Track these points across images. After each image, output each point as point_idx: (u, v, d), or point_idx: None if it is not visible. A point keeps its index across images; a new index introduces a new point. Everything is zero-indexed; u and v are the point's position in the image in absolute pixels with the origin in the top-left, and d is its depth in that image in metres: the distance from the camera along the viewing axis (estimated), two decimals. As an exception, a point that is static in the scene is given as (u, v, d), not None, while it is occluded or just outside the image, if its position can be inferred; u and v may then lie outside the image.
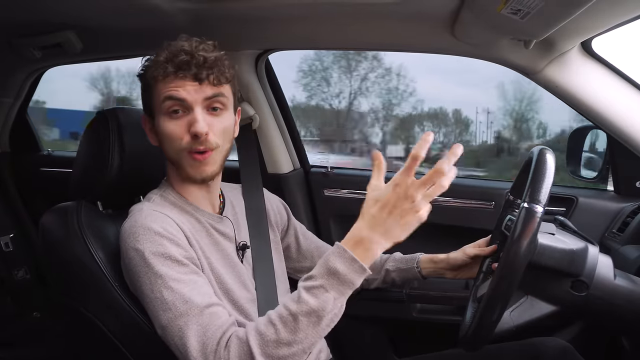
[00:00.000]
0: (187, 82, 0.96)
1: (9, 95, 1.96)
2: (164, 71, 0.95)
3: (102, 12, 1.26)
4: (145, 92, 1.02)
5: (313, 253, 1.31)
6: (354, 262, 0.83)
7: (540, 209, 0.84)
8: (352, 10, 1.21)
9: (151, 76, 0.98)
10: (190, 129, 0.96)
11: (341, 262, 0.84)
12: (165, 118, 0.97)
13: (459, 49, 1.30)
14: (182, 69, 0.95)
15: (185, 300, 0.88)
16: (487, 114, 9.62)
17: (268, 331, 0.83)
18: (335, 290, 0.83)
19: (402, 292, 1.50)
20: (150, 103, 1.01)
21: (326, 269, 0.84)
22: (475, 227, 1.62)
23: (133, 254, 0.92)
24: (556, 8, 0.92)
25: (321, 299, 0.83)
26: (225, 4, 1.21)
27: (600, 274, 0.94)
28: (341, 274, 0.83)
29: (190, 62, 0.95)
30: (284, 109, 1.79)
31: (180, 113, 0.97)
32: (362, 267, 0.84)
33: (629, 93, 1.23)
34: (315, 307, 0.82)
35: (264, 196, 1.24)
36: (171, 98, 0.95)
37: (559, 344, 1.13)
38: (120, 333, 1.01)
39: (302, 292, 0.84)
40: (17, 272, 2.02)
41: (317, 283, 0.84)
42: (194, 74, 0.95)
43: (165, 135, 0.98)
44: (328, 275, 0.84)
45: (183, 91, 0.95)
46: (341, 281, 0.83)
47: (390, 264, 1.30)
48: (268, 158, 1.74)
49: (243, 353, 0.83)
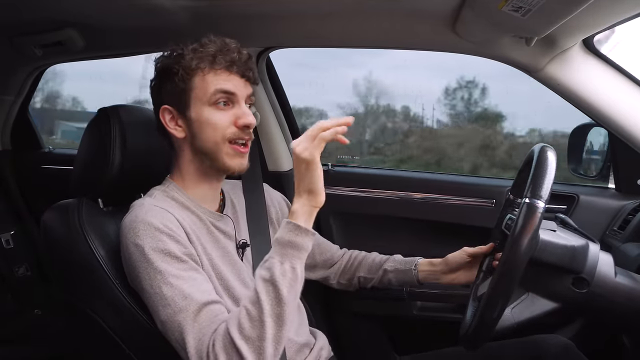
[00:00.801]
0: (235, 77, 1.02)
1: (10, 93, 1.96)
2: (217, 64, 1.00)
3: (103, 10, 1.26)
4: (175, 83, 1.01)
5: (314, 249, 1.31)
6: (288, 224, 0.89)
7: (542, 204, 0.84)
8: (354, 8, 1.21)
9: (196, 66, 1.00)
10: (239, 120, 1.01)
11: (280, 231, 0.90)
12: (212, 108, 1.01)
13: (460, 46, 1.30)
14: (235, 64, 1.01)
15: (184, 297, 0.88)
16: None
17: (241, 315, 0.86)
18: (278, 255, 0.88)
19: (403, 290, 1.51)
20: (186, 92, 1.01)
21: (276, 242, 0.90)
22: (476, 225, 1.62)
23: (133, 249, 0.92)
24: (557, 5, 0.92)
25: (266, 266, 0.87)
26: (226, 2, 1.21)
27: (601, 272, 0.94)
28: (279, 239, 0.89)
29: (239, 59, 1.02)
30: (284, 106, 1.79)
31: (225, 106, 1.02)
32: (295, 225, 0.88)
33: (630, 90, 1.23)
34: (265, 276, 0.86)
35: (264, 193, 1.24)
36: (223, 90, 1.00)
37: (560, 341, 1.13)
38: (121, 330, 1.01)
39: (259, 269, 0.89)
40: (18, 269, 2.02)
41: (269, 256, 0.89)
42: (242, 71, 1.02)
43: (209, 124, 1.01)
44: (273, 248, 0.90)
45: (233, 85, 1.01)
46: (281, 245, 0.88)
47: (389, 265, 1.30)
48: (269, 155, 1.74)
49: (227, 342, 0.84)
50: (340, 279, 1.34)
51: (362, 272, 1.31)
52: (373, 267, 1.31)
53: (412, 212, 1.67)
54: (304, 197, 0.90)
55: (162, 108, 1.03)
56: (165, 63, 1.02)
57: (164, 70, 1.03)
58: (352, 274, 1.32)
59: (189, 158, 1.05)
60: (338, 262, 1.34)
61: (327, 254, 1.34)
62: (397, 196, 1.70)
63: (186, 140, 1.04)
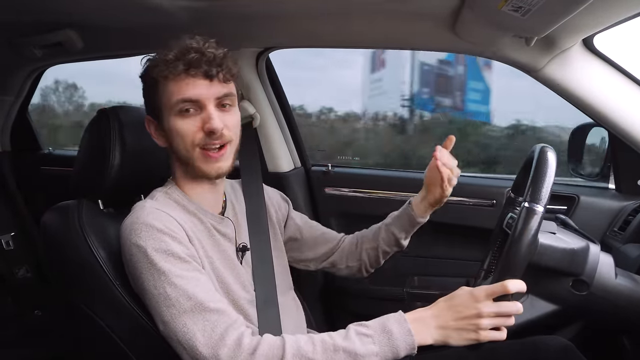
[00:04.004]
0: (198, 80, 0.95)
1: (10, 94, 1.96)
2: (174, 69, 0.94)
3: (102, 10, 1.26)
4: (150, 92, 1.01)
5: (317, 240, 1.29)
6: (409, 334, 0.87)
7: (541, 208, 0.84)
8: (354, 8, 1.21)
9: (160, 75, 0.96)
10: (205, 126, 0.96)
11: (398, 327, 0.88)
12: (177, 117, 0.97)
13: (460, 46, 1.29)
14: (194, 66, 0.94)
15: (189, 297, 0.88)
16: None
17: (306, 346, 0.85)
18: (380, 347, 0.86)
19: (403, 291, 1.50)
20: (156, 102, 0.99)
21: (382, 326, 0.88)
22: (476, 226, 1.62)
23: (135, 250, 0.92)
24: (557, 5, 0.91)
25: (366, 347, 0.86)
26: (225, 2, 1.20)
27: (602, 273, 0.94)
28: (393, 337, 0.87)
29: (200, 59, 0.95)
30: (284, 107, 1.79)
31: (192, 111, 0.97)
32: (413, 343, 0.87)
33: (631, 90, 1.23)
34: (358, 351, 0.85)
35: (264, 195, 1.24)
36: (184, 99, 0.95)
37: (560, 343, 1.13)
38: (122, 331, 1.01)
39: (352, 332, 0.88)
40: (18, 271, 2.02)
41: (369, 332, 0.87)
42: (205, 71, 0.95)
43: (177, 133, 0.98)
44: (381, 332, 0.87)
45: (195, 90, 0.95)
46: (390, 343, 0.87)
47: (386, 221, 1.26)
48: (269, 157, 1.74)
49: (273, 356, 0.84)
50: (349, 261, 1.30)
51: (367, 245, 1.27)
52: (374, 234, 1.27)
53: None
54: (435, 327, 0.89)
55: (146, 117, 1.04)
56: (141, 72, 1.02)
57: (142, 79, 1.02)
58: (359, 252, 1.29)
59: (177, 165, 1.05)
60: (341, 246, 1.31)
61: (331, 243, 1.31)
62: (397, 196, 1.70)
63: (168, 149, 1.03)
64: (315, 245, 1.29)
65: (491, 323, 0.87)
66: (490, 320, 0.87)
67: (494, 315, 0.87)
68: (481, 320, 0.87)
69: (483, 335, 0.87)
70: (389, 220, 1.27)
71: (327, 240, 1.31)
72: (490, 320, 0.87)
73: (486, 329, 0.87)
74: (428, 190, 1.18)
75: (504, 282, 0.86)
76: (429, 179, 1.17)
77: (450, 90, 5.39)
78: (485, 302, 0.87)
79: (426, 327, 0.89)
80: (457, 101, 5.52)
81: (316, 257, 1.30)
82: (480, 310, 0.87)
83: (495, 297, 0.87)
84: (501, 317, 0.87)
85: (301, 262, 1.30)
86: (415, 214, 1.21)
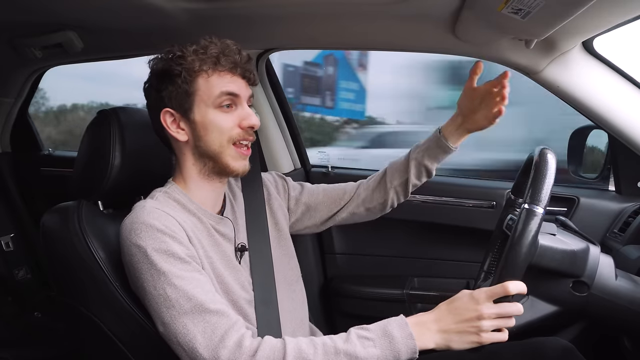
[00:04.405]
0: (238, 79, 1.02)
1: (10, 95, 1.96)
2: (217, 65, 1.00)
3: (103, 12, 1.26)
4: (178, 85, 1.00)
5: (321, 199, 1.28)
6: (410, 338, 0.87)
7: (541, 210, 0.84)
8: (354, 10, 1.21)
9: (199, 68, 0.99)
10: (244, 122, 1.02)
11: (399, 331, 0.88)
12: (217, 110, 1.01)
13: (460, 48, 1.30)
14: (237, 65, 1.01)
15: (189, 298, 0.88)
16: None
17: (308, 349, 0.86)
18: (381, 350, 0.87)
19: (403, 292, 1.50)
20: (188, 95, 1.00)
21: (383, 330, 0.89)
22: (476, 227, 1.62)
23: (135, 250, 0.92)
24: (557, 7, 0.91)
25: (367, 351, 0.86)
26: (226, 4, 1.21)
27: (602, 275, 0.94)
28: (394, 340, 0.87)
29: (241, 60, 1.02)
30: (284, 108, 1.79)
31: (230, 107, 1.02)
32: (414, 347, 0.87)
33: (630, 93, 1.23)
34: (359, 354, 0.86)
35: (264, 195, 1.23)
36: (228, 92, 1.00)
37: (561, 344, 1.13)
38: (121, 332, 1.01)
39: (353, 335, 0.88)
40: (18, 272, 2.02)
41: (370, 336, 0.88)
42: (243, 72, 1.02)
43: (215, 127, 1.00)
44: (382, 335, 0.88)
45: (236, 87, 1.01)
46: (391, 346, 0.87)
47: (416, 152, 1.24)
48: (269, 158, 1.74)
49: (274, 358, 0.85)
50: (368, 204, 1.28)
51: (396, 180, 1.25)
52: (400, 171, 1.25)
53: (411, 214, 1.67)
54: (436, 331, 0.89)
55: (163, 111, 1.02)
56: (165, 65, 1.00)
57: (164, 72, 1.00)
58: (385, 190, 1.26)
59: (192, 161, 1.04)
60: (356, 192, 1.29)
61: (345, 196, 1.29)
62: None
63: (188, 144, 1.03)
64: (323, 203, 1.28)
65: (492, 325, 0.87)
66: (492, 322, 0.87)
67: (495, 316, 0.87)
68: (482, 322, 0.87)
69: (485, 337, 0.87)
70: (418, 153, 1.23)
71: (338, 195, 1.29)
72: (492, 321, 0.87)
73: (488, 330, 0.87)
74: (469, 119, 1.18)
75: (504, 284, 0.86)
76: (477, 107, 1.15)
77: (318, 90, 5.53)
78: (485, 304, 0.87)
79: (428, 331, 0.89)
80: (326, 100, 5.68)
81: (330, 214, 1.29)
82: (481, 312, 0.87)
83: (496, 298, 0.87)
84: (502, 318, 0.87)
85: (321, 224, 1.30)
86: (450, 143, 1.20)
